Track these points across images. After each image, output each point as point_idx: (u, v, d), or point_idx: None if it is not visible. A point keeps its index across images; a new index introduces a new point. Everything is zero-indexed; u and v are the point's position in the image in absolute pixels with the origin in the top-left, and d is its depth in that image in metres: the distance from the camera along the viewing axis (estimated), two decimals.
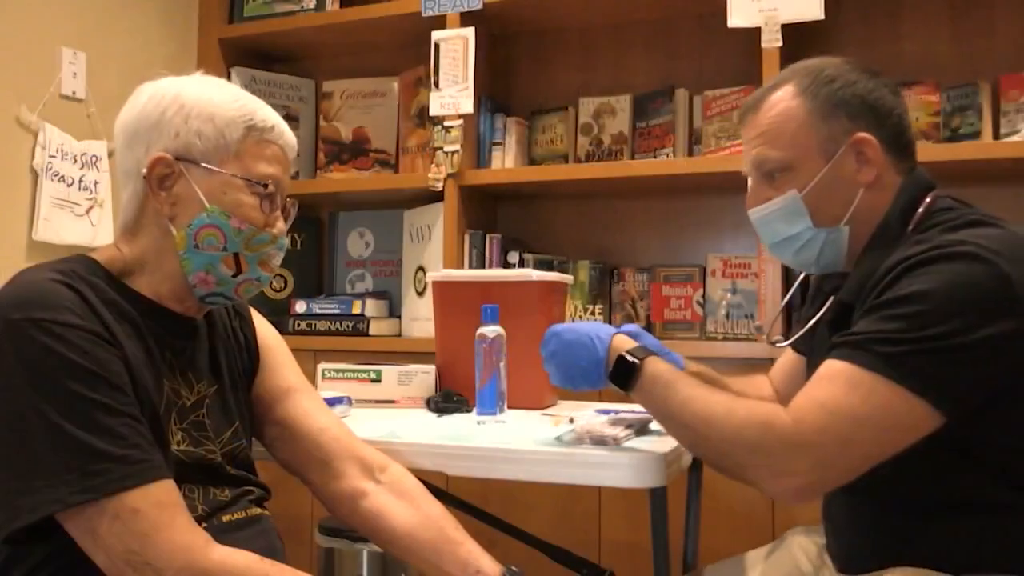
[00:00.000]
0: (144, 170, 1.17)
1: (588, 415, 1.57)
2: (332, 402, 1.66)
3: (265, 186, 1.21)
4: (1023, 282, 1.11)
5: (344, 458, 1.33)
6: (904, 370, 1.11)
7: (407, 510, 1.31)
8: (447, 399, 1.78)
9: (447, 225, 2.76)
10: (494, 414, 1.60)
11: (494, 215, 2.98)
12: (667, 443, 1.37)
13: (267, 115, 1.23)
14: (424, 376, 1.86)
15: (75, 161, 2.62)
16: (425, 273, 2.84)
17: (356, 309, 2.87)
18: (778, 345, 1.58)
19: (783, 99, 1.32)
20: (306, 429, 1.34)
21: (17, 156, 2.51)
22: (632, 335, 1.36)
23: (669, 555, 1.36)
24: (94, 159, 2.65)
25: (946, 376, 1.11)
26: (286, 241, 1.26)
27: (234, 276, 1.21)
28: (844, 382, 1.13)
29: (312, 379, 2.27)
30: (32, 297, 1.05)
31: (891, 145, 1.30)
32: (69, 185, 2.60)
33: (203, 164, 1.17)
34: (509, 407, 1.65)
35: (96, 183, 2.65)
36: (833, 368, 1.15)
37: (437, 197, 2.80)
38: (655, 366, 1.26)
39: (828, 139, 1.29)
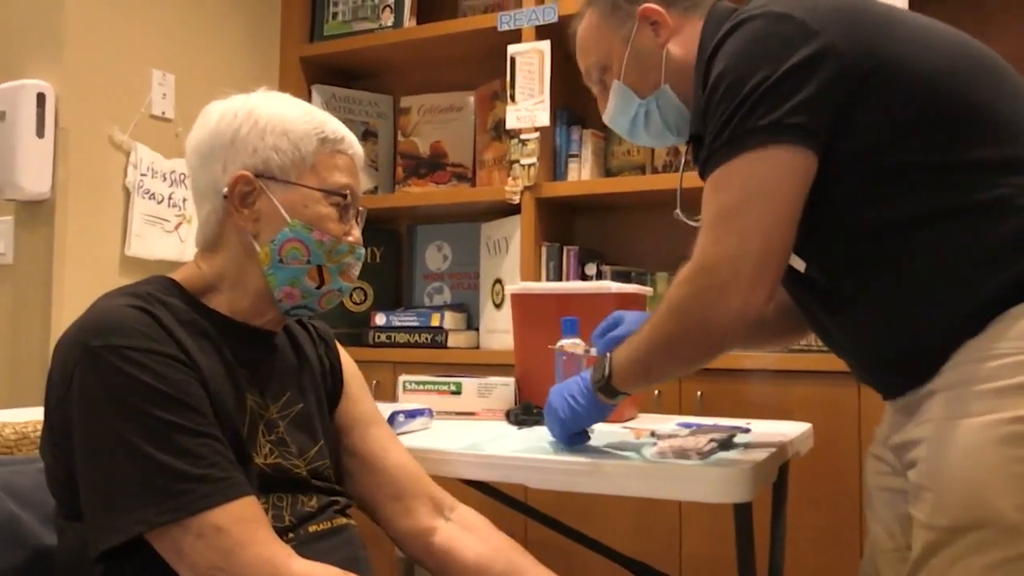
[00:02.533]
0: (225, 189, 1.18)
1: (671, 428, 1.55)
2: (413, 414, 1.67)
3: (344, 196, 1.22)
4: (810, 16, 1.16)
5: (417, 495, 1.34)
6: (744, 138, 1.15)
7: (476, 543, 1.31)
8: (527, 411, 1.77)
9: (524, 237, 2.76)
10: None
11: (571, 227, 2.97)
12: (753, 457, 1.35)
13: (336, 127, 1.24)
14: (504, 388, 1.85)
15: (164, 179, 2.69)
16: (503, 286, 2.84)
17: (435, 321, 2.89)
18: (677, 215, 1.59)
19: (583, 22, 1.47)
20: (383, 463, 1.34)
21: (111, 175, 2.59)
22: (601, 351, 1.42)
23: (755, 572, 1.33)
24: (182, 177, 2.72)
25: (780, 115, 1.13)
26: (363, 251, 1.27)
27: (318, 288, 1.22)
28: (712, 192, 1.18)
29: (392, 391, 2.30)
30: (110, 324, 1.07)
31: (676, 2, 1.40)
32: (159, 202, 2.67)
33: (282, 179, 1.18)
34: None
35: (184, 200, 2.73)
36: (704, 193, 1.19)
37: (514, 210, 2.80)
38: (616, 376, 1.31)
39: (620, 26, 1.41)
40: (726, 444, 1.45)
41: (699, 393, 2.40)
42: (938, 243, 1.13)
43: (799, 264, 1.25)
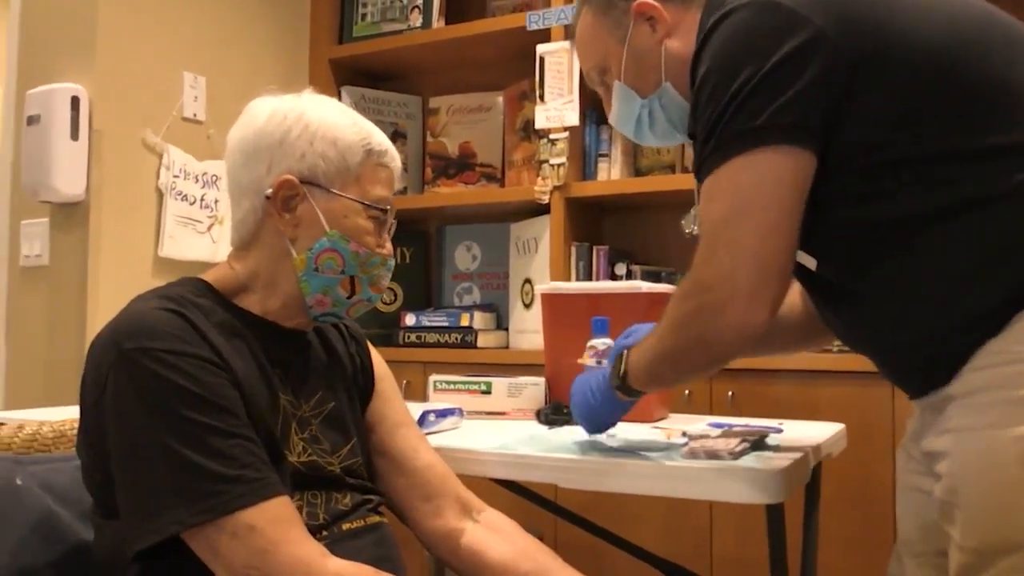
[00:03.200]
0: (269, 190, 1.18)
1: (702, 428, 1.55)
2: (444, 413, 1.68)
3: (384, 211, 1.22)
4: (798, 2, 1.10)
5: (446, 496, 1.34)
6: (731, 144, 1.10)
7: (503, 544, 1.32)
8: (557, 411, 1.77)
9: (554, 237, 2.76)
10: None
11: (600, 227, 2.97)
12: (785, 458, 1.34)
13: (381, 139, 1.24)
14: (534, 388, 1.86)
15: (197, 180, 2.72)
16: (532, 286, 2.84)
17: (464, 321, 2.90)
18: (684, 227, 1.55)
19: (579, 23, 1.44)
20: (413, 464, 1.35)
21: (144, 177, 2.62)
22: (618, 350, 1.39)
23: (787, 573, 1.32)
24: (214, 178, 2.75)
25: (768, 115, 1.09)
26: (394, 261, 1.28)
27: (348, 298, 1.23)
28: (705, 202, 1.14)
29: (422, 391, 2.31)
30: (143, 327, 1.08)
31: None
32: (191, 204, 2.70)
33: (326, 187, 1.19)
34: (620, 420, 1.63)
35: (216, 201, 2.75)
36: (700, 202, 1.16)
37: (543, 210, 2.80)
38: (631, 375, 1.31)
39: (616, 26, 1.37)
40: (758, 445, 1.45)
41: (730, 393, 2.39)
42: (950, 239, 1.07)
43: (810, 262, 1.20)
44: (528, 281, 2.90)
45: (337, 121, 1.21)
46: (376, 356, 1.42)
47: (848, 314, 1.22)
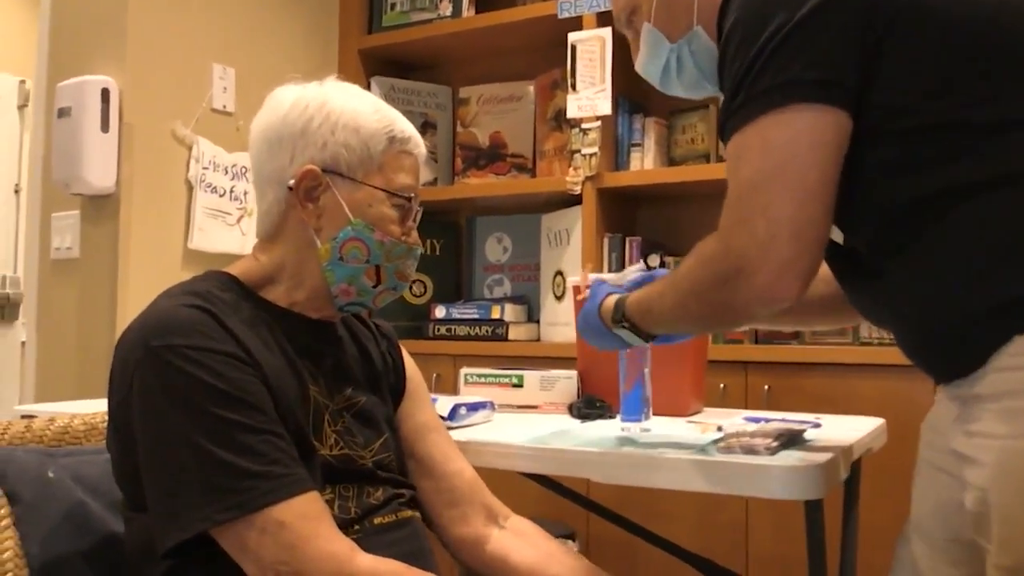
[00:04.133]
0: (292, 181, 1.18)
1: (737, 423, 1.53)
2: (475, 407, 1.68)
3: (409, 199, 1.22)
4: None
5: (473, 503, 1.34)
6: (760, 99, 1.06)
7: (530, 548, 1.32)
8: (590, 405, 1.77)
9: (586, 229, 2.75)
10: (639, 420, 1.58)
11: (633, 218, 2.95)
12: (823, 453, 1.32)
13: (405, 126, 1.24)
14: (566, 381, 1.85)
15: (226, 172, 2.74)
16: (563, 277, 2.84)
17: (495, 314, 2.90)
18: None
19: None
20: (443, 469, 1.35)
21: (174, 169, 2.65)
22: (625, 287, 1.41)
23: (826, 571, 1.31)
24: (243, 170, 2.77)
25: (799, 69, 1.04)
26: (420, 250, 1.27)
27: (374, 287, 1.23)
28: (732, 163, 1.09)
29: (453, 384, 2.31)
30: (169, 324, 1.09)
31: None
32: (221, 196, 2.72)
33: (348, 176, 1.19)
34: (654, 414, 1.63)
35: (246, 193, 2.77)
36: (726, 163, 1.11)
37: (575, 200, 2.79)
38: (630, 308, 1.31)
39: None
40: (795, 440, 1.43)
41: (766, 387, 2.37)
42: (981, 217, 1.02)
43: (836, 235, 1.15)
44: (559, 273, 2.89)
45: (359, 109, 1.21)
46: (407, 358, 1.42)
47: (874, 290, 1.17)
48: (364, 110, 1.21)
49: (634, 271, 1.51)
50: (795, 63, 1.05)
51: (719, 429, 1.53)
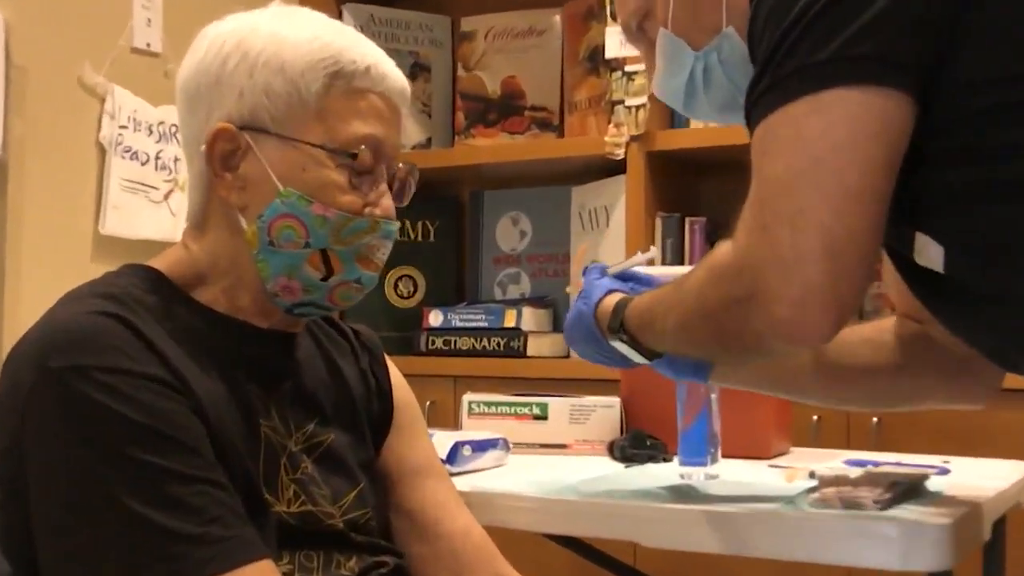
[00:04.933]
0: (203, 146, 1.19)
1: (836, 467, 1.53)
2: (482, 446, 1.68)
3: (353, 156, 1.20)
4: None
5: (482, 574, 1.34)
6: (791, 81, 1.09)
7: None
8: (637, 443, 1.77)
9: (631, 206, 2.75)
10: (703, 464, 1.58)
11: (695, 191, 2.95)
12: (954, 509, 1.32)
13: (360, 53, 1.20)
14: (605, 412, 1.85)
15: (150, 132, 2.75)
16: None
17: (509, 321, 2.90)
18: None
19: None
20: (442, 529, 1.35)
21: (80, 128, 2.65)
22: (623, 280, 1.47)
23: None
24: (174, 130, 2.77)
25: (844, 41, 1.07)
26: (395, 226, 1.24)
27: (323, 279, 1.21)
28: (757, 158, 1.13)
29: (453, 415, 2.30)
30: (75, 338, 1.08)
31: None
32: (144, 163, 2.73)
33: (275, 132, 1.18)
34: (724, 455, 1.63)
35: (177, 160, 2.78)
36: (752, 158, 1.15)
37: (617, 168, 2.79)
38: (631, 315, 1.36)
39: None
40: (915, 490, 1.44)
41: (875, 420, 2.36)
42: None
43: (930, 255, 1.17)
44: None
45: (288, 38, 1.18)
46: (396, 376, 1.42)
47: (994, 319, 1.18)
48: (295, 39, 1.18)
49: (644, 259, 1.57)
50: (837, 36, 1.08)
51: (811, 476, 1.53)
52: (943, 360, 1.39)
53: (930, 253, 1.15)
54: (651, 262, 1.60)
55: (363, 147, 1.19)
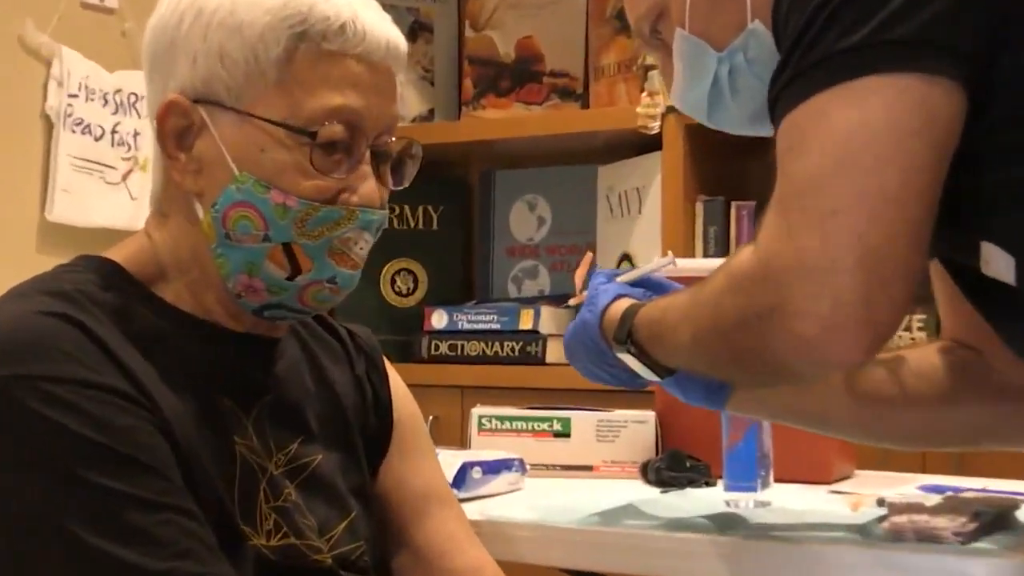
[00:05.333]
0: (154, 122, 1.20)
1: (909, 494, 1.53)
2: (495, 467, 1.68)
3: (312, 135, 1.19)
4: None
5: None
6: (822, 68, 1.11)
7: None
8: (676, 465, 1.77)
9: (667, 188, 2.76)
10: (752, 490, 1.58)
11: (742, 172, 2.94)
12: None
13: (333, 8, 1.17)
14: (638, 428, 1.86)
15: (106, 102, 2.75)
16: (633, 264, 2.83)
17: (525, 322, 2.90)
18: None
19: None
20: (450, 565, 1.35)
21: (23, 96, 2.66)
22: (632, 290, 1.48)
23: None
24: (132, 98, 2.78)
25: (881, 22, 1.08)
26: (378, 216, 1.22)
27: (290, 278, 1.21)
28: (784, 155, 1.14)
29: (460, 431, 2.29)
30: (18, 342, 1.08)
31: None
32: (98, 139, 2.73)
33: (231, 105, 1.17)
34: (777, 479, 1.63)
35: (136, 134, 2.79)
36: (777, 154, 1.16)
37: (651, 144, 2.79)
38: (641, 323, 1.36)
39: None
40: (1002, 521, 1.43)
41: None
42: None
43: (1001, 265, 1.17)
44: (627, 257, 2.88)
45: None
46: (398, 384, 1.42)
47: None
48: None
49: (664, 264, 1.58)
50: (872, 17, 1.09)
51: (880, 503, 1.52)
52: (1003, 393, 1.40)
53: (999, 264, 1.16)
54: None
55: (329, 123, 1.17)
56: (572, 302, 1.62)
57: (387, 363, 1.42)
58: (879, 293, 1.07)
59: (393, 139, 1.24)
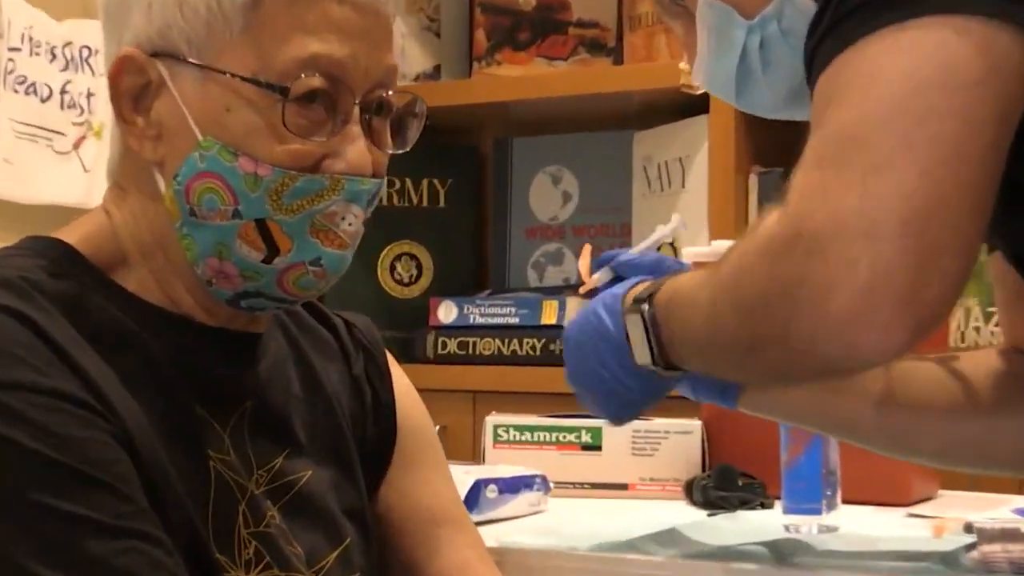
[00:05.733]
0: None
1: (1000, 519, 1.53)
2: (513, 485, 1.69)
3: (285, 91, 1.19)
4: None
5: None
6: (868, 10, 1.09)
7: None
8: (725, 483, 1.77)
9: (715, 158, 2.77)
10: (816, 512, 1.59)
11: (802, 139, 2.94)
12: None
13: None
14: (681, 440, 1.86)
15: (53, 57, 2.76)
16: (675, 249, 2.84)
17: (548, 316, 2.91)
18: None
19: None
20: None
21: None
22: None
23: None
24: (85, 53, 2.79)
25: None
26: (370, 185, 1.21)
27: (267, 261, 1.20)
28: (822, 108, 1.12)
29: (472, 443, 2.29)
30: None
31: None
32: (45, 100, 2.74)
33: (192, 60, 1.17)
34: (845, 500, 1.63)
35: (90, 95, 2.79)
36: (812, 109, 1.15)
37: (696, 107, 2.79)
38: (662, 297, 1.34)
39: None
40: None
41: None
42: None
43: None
44: (669, 242, 2.89)
45: None
46: (403, 385, 1.43)
47: None
48: None
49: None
50: None
51: (968, 529, 1.53)
52: None
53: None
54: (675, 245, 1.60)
55: (306, 75, 1.16)
56: (582, 290, 1.59)
57: (391, 360, 1.42)
58: (927, 266, 1.04)
59: (390, 93, 1.22)
